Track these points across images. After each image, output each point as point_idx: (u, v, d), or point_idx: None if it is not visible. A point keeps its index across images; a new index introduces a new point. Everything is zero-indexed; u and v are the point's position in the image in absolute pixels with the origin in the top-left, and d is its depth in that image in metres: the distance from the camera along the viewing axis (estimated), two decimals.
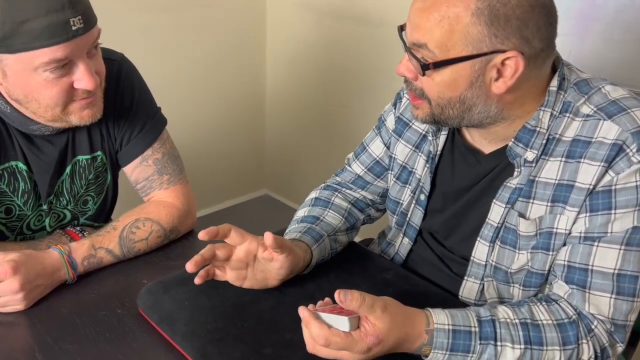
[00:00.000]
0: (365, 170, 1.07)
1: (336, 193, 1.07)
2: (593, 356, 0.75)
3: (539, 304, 0.78)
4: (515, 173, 0.83)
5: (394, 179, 1.02)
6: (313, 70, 2.33)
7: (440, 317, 0.73)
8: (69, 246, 0.92)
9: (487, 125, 0.83)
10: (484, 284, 0.89)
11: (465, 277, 0.91)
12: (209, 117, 2.38)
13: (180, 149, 1.13)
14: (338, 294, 0.69)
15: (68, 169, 1.02)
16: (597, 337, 0.75)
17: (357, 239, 1.12)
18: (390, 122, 1.03)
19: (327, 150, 2.39)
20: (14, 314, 0.84)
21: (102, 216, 1.13)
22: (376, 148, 1.06)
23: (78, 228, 1.05)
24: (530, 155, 0.81)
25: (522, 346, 0.73)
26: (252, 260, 0.85)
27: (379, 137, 1.05)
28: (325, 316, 0.70)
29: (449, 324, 0.73)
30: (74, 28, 0.81)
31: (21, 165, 0.97)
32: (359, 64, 2.13)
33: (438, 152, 0.94)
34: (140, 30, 2.01)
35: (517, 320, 0.74)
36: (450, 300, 0.91)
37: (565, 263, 0.78)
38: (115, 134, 1.05)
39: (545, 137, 0.80)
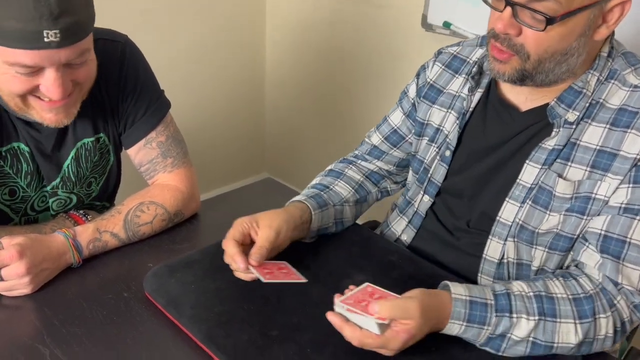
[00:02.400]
0: (382, 139, 1.08)
1: (350, 165, 1.09)
2: (612, 331, 0.76)
3: (554, 279, 0.79)
4: (553, 133, 0.84)
5: (427, 140, 1.01)
6: (313, 53, 2.31)
7: (458, 289, 0.76)
8: (74, 230, 0.92)
9: (554, 84, 0.83)
10: (506, 244, 0.89)
11: (490, 237, 0.91)
12: (209, 101, 2.36)
13: (183, 134, 1.12)
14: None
15: (72, 153, 1.01)
16: (619, 311, 0.76)
17: (360, 222, 1.12)
18: (412, 91, 1.05)
19: (328, 133, 2.39)
20: (21, 298, 0.85)
21: (105, 197, 1.12)
22: (395, 118, 1.08)
23: (82, 212, 1.05)
24: (571, 116, 0.82)
25: (536, 317, 0.74)
26: None
27: (399, 107, 1.08)
28: (355, 317, 0.72)
29: (466, 295, 0.75)
30: (46, 40, 0.77)
31: (23, 146, 0.96)
32: (360, 46, 2.11)
33: (471, 109, 0.94)
34: (140, 13, 1.99)
35: (531, 293, 0.76)
36: (457, 282, 0.91)
37: (603, 232, 0.79)
38: (119, 116, 1.04)
39: (589, 101, 0.82)
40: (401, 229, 1.07)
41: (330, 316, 0.73)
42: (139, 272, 0.91)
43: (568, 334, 0.75)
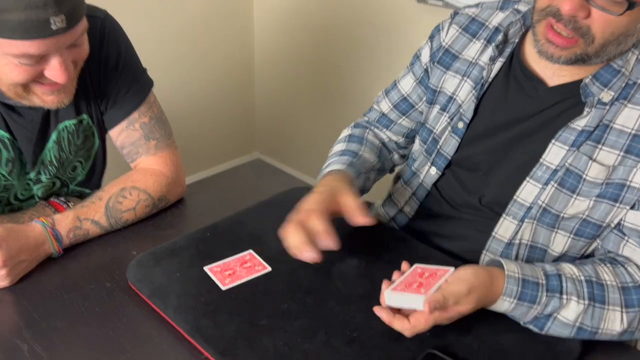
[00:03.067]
0: (391, 107, 1.04)
1: (367, 130, 1.05)
2: None
3: (603, 265, 0.76)
4: (585, 113, 0.79)
5: (438, 109, 0.96)
6: (303, 28, 2.24)
7: (510, 266, 0.73)
8: (53, 218, 0.88)
9: (599, 63, 0.78)
10: (521, 226, 0.86)
11: (504, 215, 0.87)
12: (196, 80, 2.30)
13: (167, 114, 1.08)
14: (429, 306, 0.68)
15: (54, 136, 0.97)
16: None
17: None
18: (425, 56, 0.99)
19: (320, 110, 2.34)
20: None
21: (93, 182, 1.08)
22: (405, 84, 1.02)
23: (62, 199, 1.01)
24: (606, 96, 0.78)
25: (586, 301, 0.72)
26: None
27: (411, 72, 1.02)
28: (400, 296, 0.71)
29: (519, 273, 0.73)
30: (54, 28, 0.74)
31: (2, 132, 0.92)
32: (351, 21, 2.05)
33: (490, 79, 0.89)
34: None
35: (582, 277, 0.73)
36: (452, 263, 0.88)
37: None
38: (100, 95, 0.99)
39: (626, 81, 0.77)
40: (404, 200, 1.03)
41: (378, 311, 0.72)
42: (122, 261, 0.88)
43: (614, 322, 0.72)
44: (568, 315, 0.72)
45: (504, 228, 0.88)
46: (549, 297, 0.72)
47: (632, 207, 0.78)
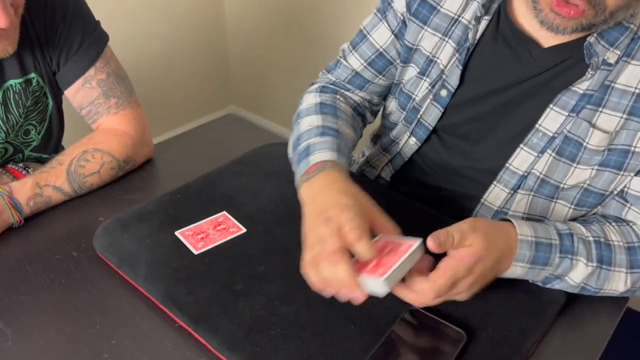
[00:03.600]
0: (364, 65, 0.90)
1: (337, 96, 0.91)
2: None
3: (608, 224, 0.72)
4: (588, 75, 0.72)
5: (417, 72, 0.87)
6: None
7: (523, 229, 0.67)
8: (10, 186, 0.83)
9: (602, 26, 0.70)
10: (512, 195, 0.81)
11: (494, 182, 0.82)
12: (161, 32, 2.19)
13: (130, 70, 1.01)
14: (433, 241, 0.58)
15: None
16: None
17: None
18: (400, 4, 0.85)
19: (296, 58, 2.25)
20: None
21: (50, 147, 1.02)
22: (380, 37, 0.88)
23: (21, 165, 0.95)
24: (612, 56, 0.70)
25: (595, 264, 0.68)
26: None
27: (384, 22, 0.88)
28: (362, 280, 0.57)
29: (532, 236, 0.67)
30: None
31: None
32: None
33: (475, 41, 0.80)
34: None
35: (590, 238, 0.69)
36: (438, 219, 0.85)
37: None
38: (50, 52, 0.91)
39: (632, 37, 0.70)
40: (381, 165, 0.98)
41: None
42: (89, 228, 0.83)
43: (618, 283, 0.70)
44: (575, 277, 0.69)
45: (494, 195, 0.83)
46: (561, 258, 0.68)
47: (637, 174, 0.73)
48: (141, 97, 1.03)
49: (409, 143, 0.91)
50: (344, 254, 0.58)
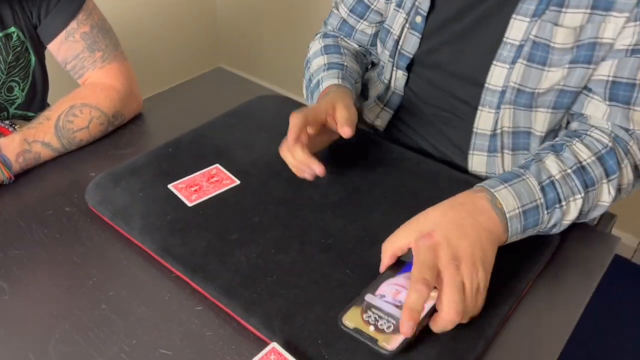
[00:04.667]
0: (347, 11, 0.96)
1: (338, 38, 0.98)
2: (632, 176, 0.72)
3: (574, 143, 0.72)
4: None
5: (394, 5, 0.89)
6: None
7: (509, 202, 0.64)
8: None
9: None
10: (499, 113, 0.82)
11: (479, 108, 0.82)
12: None
13: (116, 26, 0.98)
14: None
15: None
16: (632, 155, 0.72)
17: None
18: None
19: (286, 13, 2.20)
20: None
21: (35, 104, 1.00)
22: None
23: (7, 122, 0.93)
24: None
25: (582, 193, 0.69)
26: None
27: None
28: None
29: (518, 207, 0.65)
30: None
31: None
32: None
33: None
34: None
35: (569, 170, 0.69)
36: (462, 179, 0.85)
37: (610, 79, 0.72)
38: (29, 4, 0.88)
39: None
40: (375, 115, 0.98)
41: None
42: (81, 183, 0.82)
43: (602, 194, 0.71)
44: (570, 217, 0.70)
45: (483, 120, 0.83)
46: (550, 213, 0.68)
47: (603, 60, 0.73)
48: (129, 55, 1.00)
49: (397, 77, 0.92)
50: (295, 144, 0.73)
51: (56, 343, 0.60)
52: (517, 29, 0.76)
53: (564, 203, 0.69)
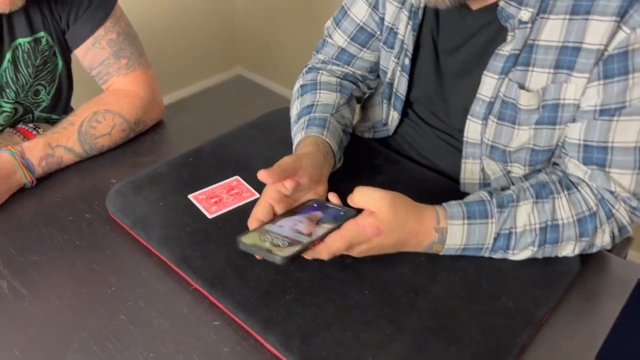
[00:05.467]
0: (348, 40, 0.91)
1: (320, 72, 0.93)
2: (608, 239, 0.71)
3: (560, 197, 0.71)
4: (509, 37, 0.72)
5: (382, 44, 0.89)
6: None
7: (455, 240, 0.68)
8: (22, 147, 0.82)
9: None
10: (483, 162, 0.82)
11: (463, 160, 0.84)
12: None
13: (139, 29, 0.98)
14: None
15: (8, 55, 0.88)
16: (618, 219, 0.71)
17: None
18: None
19: (305, 16, 2.20)
20: None
21: (60, 107, 1.01)
22: (359, 11, 0.89)
23: (31, 125, 0.94)
24: (525, 14, 0.70)
25: (535, 249, 0.70)
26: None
27: None
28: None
29: (461, 245, 0.69)
30: None
31: None
32: None
33: (421, 5, 0.81)
34: None
35: (537, 226, 0.69)
36: (447, 185, 0.85)
37: (581, 142, 0.71)
38: (59, 10, 0.89)
39: None
40: (363, 133, 1.00)
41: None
42: (101, 190, 0.83)
43: (565, 251, 0.71)
44: (517, 257, 0.71)
45: (469, 171, 0.84)
46: (493, 253, 0.70)
47: (572, 121, 0.73)
48: (147, 54, 1.01)
49: (393, 118, 0.93)
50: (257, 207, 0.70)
51: (74, 352, 0.61)
52: (488, 85, 0.76)
53: (510, 252, 0.70)
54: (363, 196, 0.65)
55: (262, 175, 0.64)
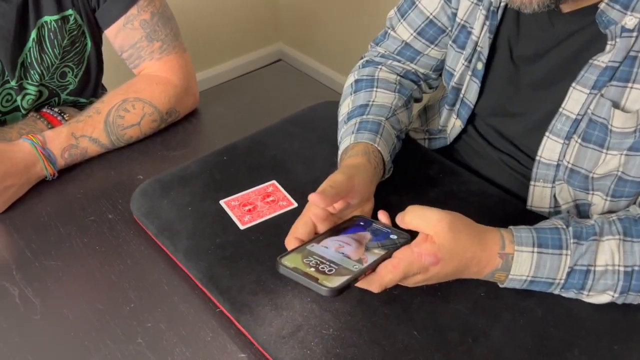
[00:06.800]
0: (414, 35, 0.82)
1: (379, 67, 0.83)
2: None
3: None
4: (608, 47, 0.61)
5: (451, 42, 0.79)
6: None
7: (522, 269, 0.58)
8: (44, 136, 0.76)
9: None
10: (556, 188, 0.72)
11: (532, 182, 0.73)
12: None
13: (175, 6, 0.90)
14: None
15: (33, 34, 0.81)
16: None
17: None
18: None
19: None
20: None
21: (88, 91, 0.94)
22: (430, 2, 0.79)
23: (56, 109, 0.87)
24: (630, 21, 0.59)
25: (617, 295, 0.59)
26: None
27: None
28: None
29: (528, 276, 0.59)
30: None
31: None
32: None
33: (502, 4, 0.70)
34: None
35: (621, 268, 0.58)
36: (511, 203, 0.75)
37: None
38: None
39: None
40: (418, 139, 0.88)
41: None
42: (127, 186, 0.76)
43: None
44: (593, 300, 0.60)
45: (538, 196, 0.72)
46: (565, 292, 0.60)
47: None
48: (185, 29, 0.92)
49: (455, 127, 0.82)
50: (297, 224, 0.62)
51: None
52: (574, 100, 0.65)
53: (585, 293, 0.60)
54: (417, 218, 0.57)
55: (314, 199, 0.57)
